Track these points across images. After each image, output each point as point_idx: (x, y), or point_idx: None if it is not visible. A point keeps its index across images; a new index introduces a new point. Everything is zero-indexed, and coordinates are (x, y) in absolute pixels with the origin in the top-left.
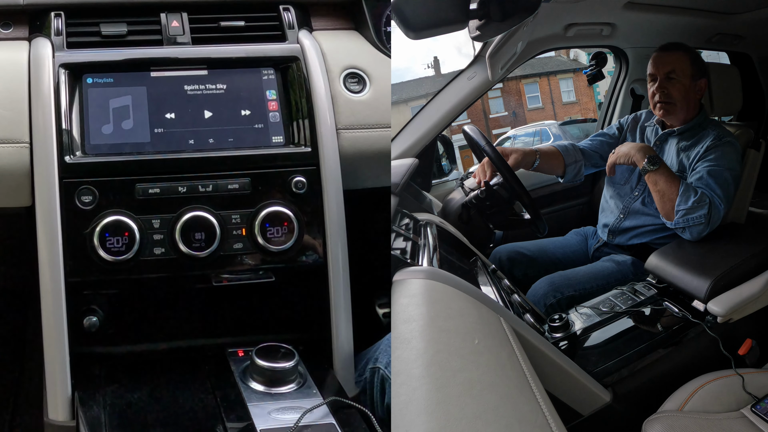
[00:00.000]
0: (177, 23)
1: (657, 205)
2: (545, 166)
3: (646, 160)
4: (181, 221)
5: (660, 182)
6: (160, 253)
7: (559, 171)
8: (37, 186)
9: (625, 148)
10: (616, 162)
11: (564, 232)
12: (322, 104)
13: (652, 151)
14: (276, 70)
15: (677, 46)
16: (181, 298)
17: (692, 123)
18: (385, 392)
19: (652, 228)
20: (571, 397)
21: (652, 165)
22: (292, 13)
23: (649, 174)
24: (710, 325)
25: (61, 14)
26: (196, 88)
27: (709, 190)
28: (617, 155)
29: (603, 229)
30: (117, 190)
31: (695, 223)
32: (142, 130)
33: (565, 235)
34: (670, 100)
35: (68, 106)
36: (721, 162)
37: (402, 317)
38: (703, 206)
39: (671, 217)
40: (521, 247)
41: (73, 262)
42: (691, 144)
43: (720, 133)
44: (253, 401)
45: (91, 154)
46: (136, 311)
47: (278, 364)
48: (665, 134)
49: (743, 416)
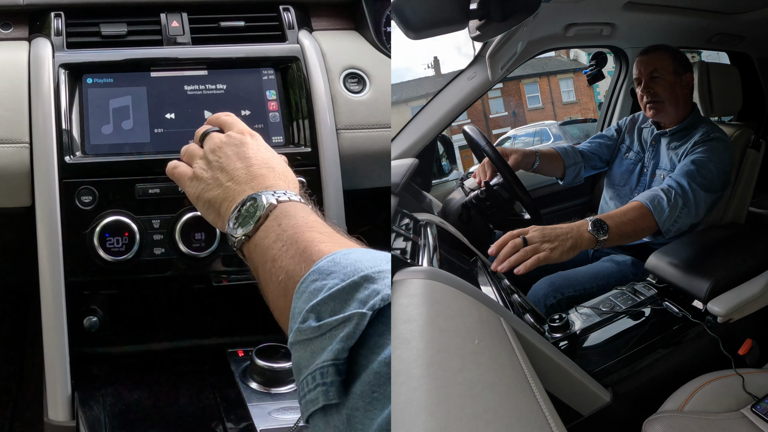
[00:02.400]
0: (177, 23)
1: (640, 238)
2: (545, 167)
3: (590, 228)
4: (181, 221)
5: (623, 228)
6: (160, 253)
7: (558, 173)
8: (37, 186)
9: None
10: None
11: None
12: (322, 104)
13: (582, 229)
14: (276, 70)
15: (657, 47)
16: (181, 298)
17: (684, 123)
18: None
19: None
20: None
21: (601, 233)
22: (292, 13)
23: (608, 239)
24: (710, 325)
25: (61, 14)
26: (196, 88)
27: (688, 177)
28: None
29: None
30: (117, 190)
31: (685, 215)
32: (142, 131)
33: None
34: (657, 98)
35: (68, 106)
36: (706, 155)
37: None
38: (677, 200)
39: (659, 232)
40: None
41: (73, 262)
42: (681, 143)
43: (709, 129)
44: (253, 401)
45: (91, 154)
46: (136, 311)
47: (278, 364)
48: (658, 135)
49: (743, 416)
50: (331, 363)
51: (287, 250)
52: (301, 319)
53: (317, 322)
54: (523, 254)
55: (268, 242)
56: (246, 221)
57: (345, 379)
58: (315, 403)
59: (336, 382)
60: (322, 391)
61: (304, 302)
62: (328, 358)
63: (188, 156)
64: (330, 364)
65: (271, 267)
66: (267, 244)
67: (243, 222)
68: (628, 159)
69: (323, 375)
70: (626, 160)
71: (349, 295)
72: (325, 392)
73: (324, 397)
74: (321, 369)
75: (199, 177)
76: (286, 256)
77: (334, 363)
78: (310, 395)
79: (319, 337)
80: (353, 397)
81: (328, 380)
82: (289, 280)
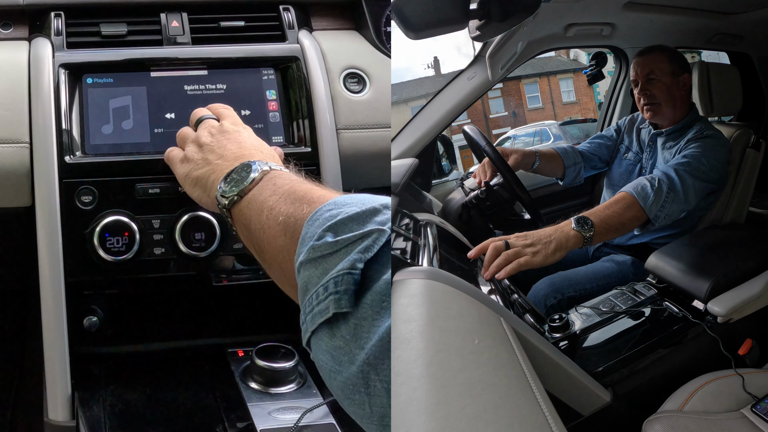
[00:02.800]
0: (177, 23)
1: (629, 230)
2: (545, 167)
3: (574, 225)
4: (181, 221)
5: (609, 221)
6: (160, 253)
7: (558, 173)
8: (37, 186)
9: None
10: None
11: None
12: (322, 104)
13: (566, 229)
14: (276, 70)
15: (653, 48)
16: (181, 298)
17: (680, 124)
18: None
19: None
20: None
21: (586, 229)
22: (292, 13)
23: (595, 234)
24: (710, 325)
25: (61, 14)
26: (196, 88)
27: (675, 167)
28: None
29: None
30: (117, 190)
31: (672, 200)
32: (142, 130)
33: None
34: (654, 100)
35: (68, 106)
36: (699, 150)
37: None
38: (662, 185)
39: (647, 220)
40: None
41: (73, 262)
42: (675, 143)
43: (702, 127)
44: (253, 401)
45: (91, 154)
46: (136, 311)
47: (278, 364)
48: (654, 135)
49: (743, 416)
50: (346, 272)
51: (285, 200)
52: (317, 237)
53: (334, 238)
54: (504, 259)
55: (263, 197)
56: (239, 183)
57: (357, 290)
58: (324, 313)
59: (350, 290)
60: (334, 300)
61: (319, 226)
62: (344, 268)
63: (181, 139)
64: (345, 273)
65: (267, 214)
66: (262, 198)
67: (235, 184)
68: (627, 159)
69: (336, 284)
70: (625, 161)
71: (368, 218)
72: (337, 300)
73: (335, 305)
74: (335, 278)
75: (189, 158)
76: (284, 204)
77: (350, 272)
78: (319, 307)
79: (334, 254)
80: (363, 307)
81: (341, 288)
82: (289, 218)
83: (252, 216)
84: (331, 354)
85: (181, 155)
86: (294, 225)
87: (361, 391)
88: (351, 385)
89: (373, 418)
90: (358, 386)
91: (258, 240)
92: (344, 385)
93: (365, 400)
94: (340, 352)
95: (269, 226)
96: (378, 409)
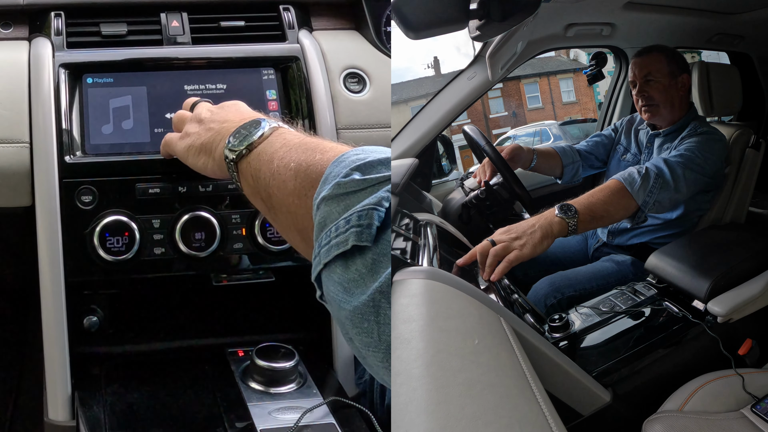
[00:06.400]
0: (177, 23)
1: (617, 219)
2: (543, 165)
3: (557, 212)
4: (181, 221)
5: (594, 208)
6: (160, 253)
7: (557, 171)
8: (37, 186)
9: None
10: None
11: None
12: (322, 104)
13: (549, 216)
14: (276, 70)
15: (651, 48)
16: (181, 298)
17: (678, 124)
18: (385, 394)
19: (651, 227)
20: (571, 397)
21: (569, 215)
22: (292, 13)
23: (579, 221)
24: (710, 325)
25: (61, 14)
26: (196, 88)
27: (667, 158)
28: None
29: (602, 230)
30: (117, 190)
31: (661, 186)
32: (142, 130)
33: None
34: (652, 102)
35: (68, 106)
36: (693, 145)
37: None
38: (650, 172)
39: (636, 207)
40: None
41: (73, 262)
42: (671, 143)
43: (697, 125)
44: (253, 401)
45: (91, 154)
46: (136, 311)
47: (278, 364)
48: (652, 136)
49: (743, 416)
50: (372, 207)
51: (296, 150)
52: (344, 175)
53: (362, 176)
54: (494, 257)
55: (273, 149)
56: (248, 138)
57: (379, 227)
58: (342, 245)
59: (372, 225)
60: (355, 233)
61: (346, 166)
62: (370, 203)
63: (178, 120)
64: (371, 208)
65: (278, 162)
66: (272, 150)
67: (245, 138)
68: (625, 161)
69: (360, 217)
70: (624, 162)
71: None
72: (359, 233)
73: (356, 238)
74: (360, 212)
75: (189, 133)
76: (295, 153)
77: (375, 207)
78: (338, 239)
79: (360, 191)
80: (383, 242)
81: (364, 222)
82: (301, 164)
83: (261, 166)
84: (343, 286)
85: (179, 134)
86: (306, 169)
87: (371, 319)
88: (360, 314)
89: (381, 346)
90: (368, 314)
91: (266, 186)
92: (353, 314)
93: (374, 328)
94: (353, 284)
95: (279, 173)
96: (386, 338)
